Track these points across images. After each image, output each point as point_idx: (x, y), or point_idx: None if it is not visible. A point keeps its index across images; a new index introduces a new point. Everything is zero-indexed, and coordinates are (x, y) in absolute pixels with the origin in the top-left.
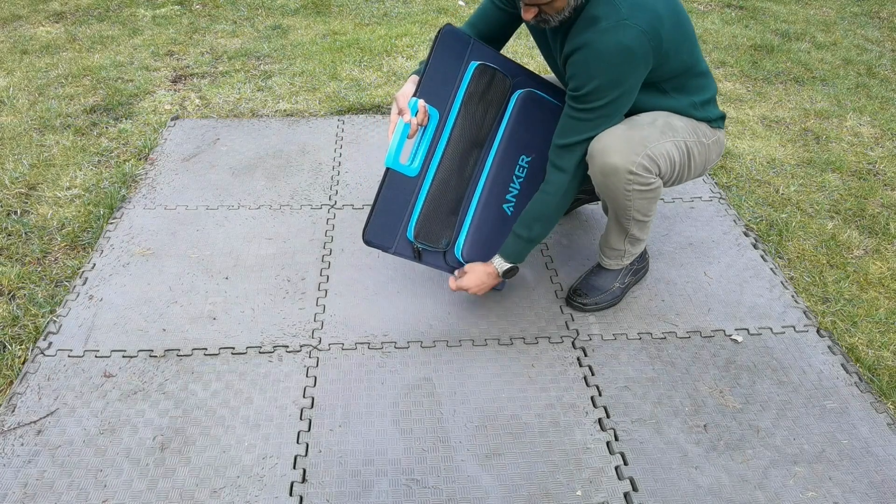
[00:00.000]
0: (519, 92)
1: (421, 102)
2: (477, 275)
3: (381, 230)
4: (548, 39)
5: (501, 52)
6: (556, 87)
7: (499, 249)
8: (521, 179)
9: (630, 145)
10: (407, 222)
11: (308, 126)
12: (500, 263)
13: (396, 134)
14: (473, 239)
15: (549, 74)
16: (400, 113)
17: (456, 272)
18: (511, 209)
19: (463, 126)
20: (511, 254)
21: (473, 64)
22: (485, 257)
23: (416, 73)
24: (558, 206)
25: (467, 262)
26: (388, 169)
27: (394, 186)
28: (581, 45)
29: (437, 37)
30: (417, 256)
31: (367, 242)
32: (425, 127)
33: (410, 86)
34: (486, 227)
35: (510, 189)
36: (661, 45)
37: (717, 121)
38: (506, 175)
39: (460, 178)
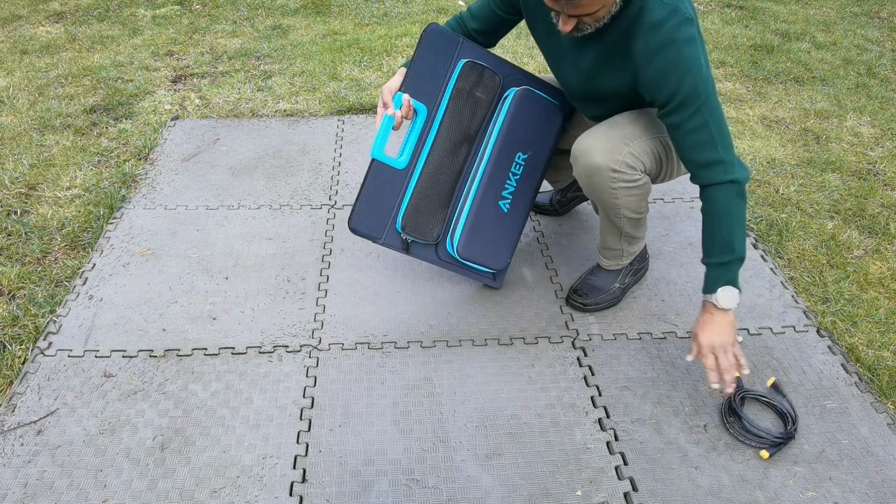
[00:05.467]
0: (514, 90)
1: (405, 97)
2: (719, 326)
3: (368, 220)
4: (561, 45)
5: (494, 50)
6: (551, 85)
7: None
8: (518, 177)
9: (612, 144)
10: (396, 214)
11: (308, 126)
12: (725, 296)
13: (380, 126)
14: (470, 236)
15: (547, 74)
16: (385, 106)
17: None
18: (507, 206)
19: (451, 121)
20: (731, 280)
21: (462, 61)
22: (483, 254)
23: (405, 65)
24: (741, 209)
25: (463, 258)
26: (373, 159)
27: (380, 177)
28: (657, 51)
29: (422, 35)
30: (406, 248)
31: (354, 231)
32: (413, 121)
33: (397, 79)
34: (483, 225)
35: (506, 186)
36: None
37: None
38: (502, 172)
39: (450, 173)
